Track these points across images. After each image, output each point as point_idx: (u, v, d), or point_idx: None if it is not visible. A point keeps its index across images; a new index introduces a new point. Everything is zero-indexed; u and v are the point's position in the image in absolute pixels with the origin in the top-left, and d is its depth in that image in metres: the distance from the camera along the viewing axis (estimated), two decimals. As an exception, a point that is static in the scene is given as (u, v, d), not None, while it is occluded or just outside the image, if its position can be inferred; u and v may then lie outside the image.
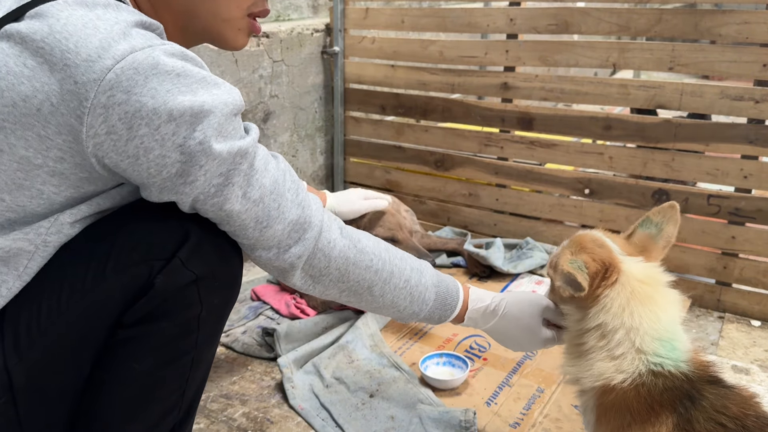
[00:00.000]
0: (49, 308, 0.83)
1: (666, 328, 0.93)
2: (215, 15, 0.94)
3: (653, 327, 0.93)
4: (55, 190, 0.81)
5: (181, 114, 0.77)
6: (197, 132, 0.78)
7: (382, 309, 1.09)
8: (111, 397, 0.88)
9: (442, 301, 1.14)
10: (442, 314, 1.15)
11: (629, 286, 0.94)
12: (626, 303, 0.93)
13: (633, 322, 0.92)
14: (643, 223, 1.04)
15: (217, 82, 0.82)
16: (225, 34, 0.97)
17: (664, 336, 0.93)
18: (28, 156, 0.78)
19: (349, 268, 1.01)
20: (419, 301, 1.11)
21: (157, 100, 0.76)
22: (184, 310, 0.88)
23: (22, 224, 0.82)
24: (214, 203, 0.85)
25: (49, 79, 0.74)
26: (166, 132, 0.77)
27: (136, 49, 0.75)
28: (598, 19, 1.97)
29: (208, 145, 0.80)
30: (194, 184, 0.82)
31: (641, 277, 0.95)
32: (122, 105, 0.75)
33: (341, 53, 2.51)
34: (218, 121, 0.80)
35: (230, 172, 0.84)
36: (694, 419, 0.85)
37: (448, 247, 2.23)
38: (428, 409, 1.39)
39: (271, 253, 0.93)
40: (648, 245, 1.01)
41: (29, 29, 0.76)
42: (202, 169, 0.81)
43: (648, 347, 0.92)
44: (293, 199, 0.93)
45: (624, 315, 0.92)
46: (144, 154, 0.78)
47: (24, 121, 0.76)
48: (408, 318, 1.13)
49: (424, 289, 1.11)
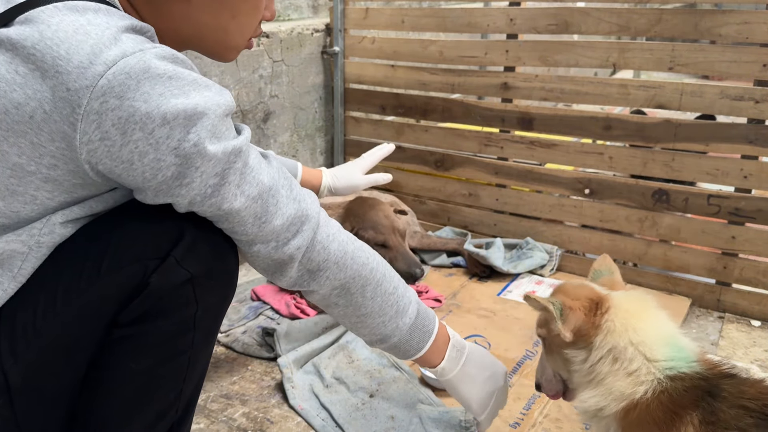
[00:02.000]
0: (45, 309, 0.83)
1: (669, 334, 0.98)
2: (222, 44, 0.97)
3: (657, 336, 0.97)
4: (49, 195, 0.81)
5: (174, 117, 0.77)
6: (191, 134, 0.78)
7: (367, 318, 1.06)
8: (108, 397, 0.88)
9: (422, 321, 1.11)
10: (420, 339, 1.10)
11: (623, 309, 0.99)
12: (626, 322, 0.97)
13: (638, 336, 0.96)
14: (595, 274, 1.13)
15: (207, 84, 0.82)
16: (226, 56, 1.00)
17: (670, 341, 0.96)
18: (21, 163, 0.78)
19: (347, 263, 1.00)
20: (403, 314, 1.08)
21: (150, 104, 0.76)
22: (180, 309, 0.88)
23: (15, 228, 0.82)
24: (212, 203, 0.85)
25: (41, 86, 0.74)
26: (160, 135, 0.77)
27: (127, 54, 0.75)
28: (598, 19, 1.97)
29: (202, 147, 0.79)
30: (190, 186, 0.82)
31: (630, 300, 1.02)
32: (115, 110, 0.75)
33: (341, 53, 2.51)
34: (211, 122, 0.80)
35: (225, 172, 0.84)
36: (718, 410, 0.88)
37: (448, 247, 2.23)
38: (428, 409, 1.39)
39: (269, 247, 0.93)
40: (612, 285, 1.08)
41: (20, 35, 0.75)
42: (198, 170, 0.81)
43: (659, 354, 0.94)
44: (288, 195, 0.93)
45: (628, 333, 0.96)
46: (139, 158, 0.78)
47: (17, 129, 0.75)
48: (388, 335, 1.08)
49: (408, 302, 1.09)
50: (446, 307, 1.92)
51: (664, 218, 1.97)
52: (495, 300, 1.97)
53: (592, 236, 2.13)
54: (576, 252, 2.22)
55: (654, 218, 1.99)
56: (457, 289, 2.04)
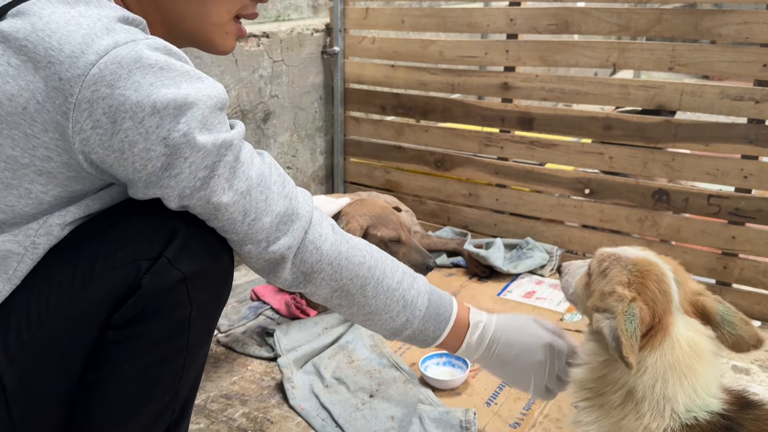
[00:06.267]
0: (39, 311, 0.82)
1: (703, 396, 0.85)
2: (203, 19, 0.94)
3: (689, 399, 0.84)
4: (43, 189, 0.81)
5: (164, 106, 0.77)
6: (181, 124, 0.78)
7: (374, 315, 1.04)
8: (104, 398, 0.87)
9: (435, 309, 1.06)
10: (436, 327, 1.06)
11: (671, 356, 0.83)
12: (663, 373, 0.83)
13: (667, 392, 0.83)
14: (726, 311, 0.90)
15: (200, 76, 0.82)
16: (213, 38, 0.97)
17: (698, 402, 0.84)
18: (15, 155, 0.78)
19: (341, 263, 0.98)
20: (411, 307, 1.04)
21: (141, 93, 0.76)
22: (174, 310, 0.87)
23: (10, 225, 0.82)
24: (201, 196, 0.84)
25: (33, 77, 0.75)
26: (150, 125, 0.77)
27: (119, 44, 0.76)
28: (598, 19, 1.97)
29: (192, 137, 0.79)
30: (179, 177, 0.81)
31: (687, 345, 0.85)
32: (106, 99, 0.75)
33: (341, 53, 2.51)
34: (202, 113, 0.80)
35: (215, 164, 0.83)
36: None
37: (448, 247, 2.23)
38: (428, 409, 1.39)
39: (260, 247, 0.92)
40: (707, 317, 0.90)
41: (11, 28, 0.76)
42: (186, 161, 0.80)
43: (680, 410, 0.84)
44: (280, 192, 0.92)
45: (657, 385, 0.83)
46: (129, 147, 0.78)
47: (10, 120, 0.76)
48: (399, 328, 1.05)
49: (417, 293, 1.05)
50: (446, 307, 1.92)
51: (664, 218, 1.97)
52: (495, 300, 1.97)
53: (592, 236, 2.13)
54: (576, 252, 2.22)
55: (654, 218, 1.99)
56: (457, 289, 2.04)
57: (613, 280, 0.89)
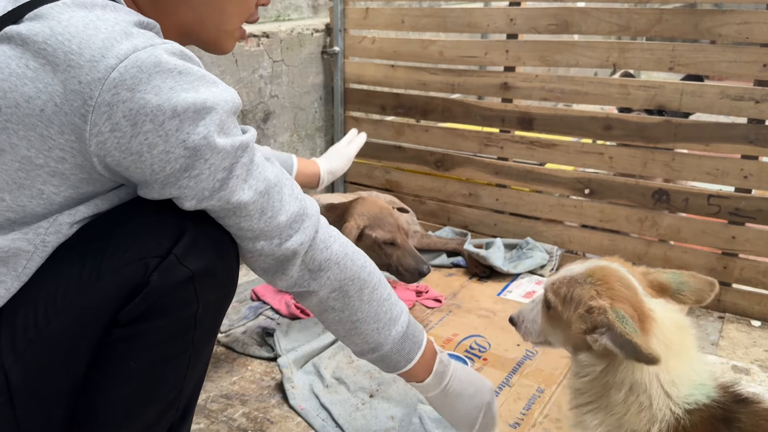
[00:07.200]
0: (46, 308, 0.83)
1: (700, 372, 0.88)
2: (219, 27, 0.97)
3: (690, 378, 0.87)
4: (55, 190, 0.82)
5: (184, 110, 0.79)
6: (200, 127, 0.80)
7: (361, 323, 1.06)
8: (108, 396, 0.88)
9: (413, 330, 1.11)
10: (411, 348, 1.10)
11: (663, 338, 0.86)
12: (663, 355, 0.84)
13: (669, 376, 0.86)
14: (675, 276, 0.95)
15: (215, 80, 0.85)
16: (223, 43, 1.00)
17: (697, 381, 0.88)
18: (29, 156, 0.79)
19: (347, 264, 1.02)
20: (395, 321, 1.08)
21: (161, 96, 0.77)
22: (181, 307, 0.88)
23: (21, 224, 0.82)
24: (221, 197, 0.86)
25: (52, 80, 0.76)
26: (170, 128, 0.78)
27: (138, 48, 0.77)
28: (598, 19, 1.97)
29: (212, 140, 0.81)
30: (199, 178, 0.83)
31: (671, 323, 0.88)
32: (126, 102, 0.76)
33: (341, 53, 2.51)
34: (220, 117, 0.82)
35: (233, 166, 0.85)
36: None
37: (448, 247, 2.23)
38: (428, 409, 1.39)
39: (273, 243, 0.94)
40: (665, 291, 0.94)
41: (30, 31, 0.77)
42: (207, 162, 0.82)
43: (683, 392, 0.86)
44: (291, 193, 0.95)
45: (659, 370, 0.86)
46: (148, 150, 0.79)
47: (27, 122, 0.77)
48: (380, 342, 1.08)
49: (401, 310, 1.10)
50: (446, 307, 1.92)
51: (664, 218, 1.97)
52: (495, 300, 1.97)
53: (592, 236, 2.13)
54: (576, 252, 2.22)
55: (654, 218, 1.99)
56: (457, 289, 2.04)
57: (582, 300, 0.90)
